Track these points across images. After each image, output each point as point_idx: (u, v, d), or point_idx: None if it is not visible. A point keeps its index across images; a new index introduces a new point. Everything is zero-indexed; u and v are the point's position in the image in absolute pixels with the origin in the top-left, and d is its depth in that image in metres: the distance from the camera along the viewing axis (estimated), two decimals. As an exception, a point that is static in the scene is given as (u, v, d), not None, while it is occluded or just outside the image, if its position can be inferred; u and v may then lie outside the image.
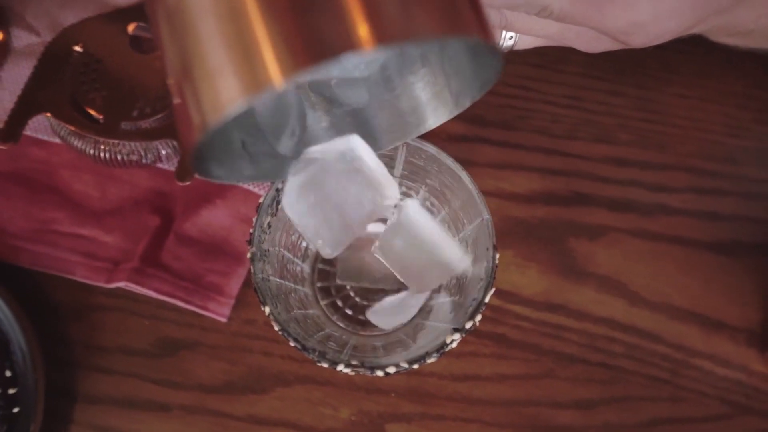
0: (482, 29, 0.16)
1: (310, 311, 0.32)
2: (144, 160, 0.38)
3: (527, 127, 0.41)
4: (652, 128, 0.41)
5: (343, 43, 0.14)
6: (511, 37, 0.25)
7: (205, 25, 0.15)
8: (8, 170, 0.39)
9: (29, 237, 0.37)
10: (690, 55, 0.42)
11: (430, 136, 0.21)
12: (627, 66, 0.42)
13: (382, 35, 0.14)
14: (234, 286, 0.37)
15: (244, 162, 0.20)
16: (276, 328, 0.27)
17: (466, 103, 0.21)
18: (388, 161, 0.32)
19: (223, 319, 0.37)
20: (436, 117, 0.22)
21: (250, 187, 0.38)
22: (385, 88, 0.22)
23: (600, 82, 0.42)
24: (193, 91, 0.15)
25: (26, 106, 0.36)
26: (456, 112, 0.21)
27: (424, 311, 0.33)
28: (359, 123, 0.23)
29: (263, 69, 0.14)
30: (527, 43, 0.26)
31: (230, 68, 0.15)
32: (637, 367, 0.37)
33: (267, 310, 0.27)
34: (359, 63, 0.20)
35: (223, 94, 0.15)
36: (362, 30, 0.14)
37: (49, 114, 0.35)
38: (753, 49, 0.34)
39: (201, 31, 0.15)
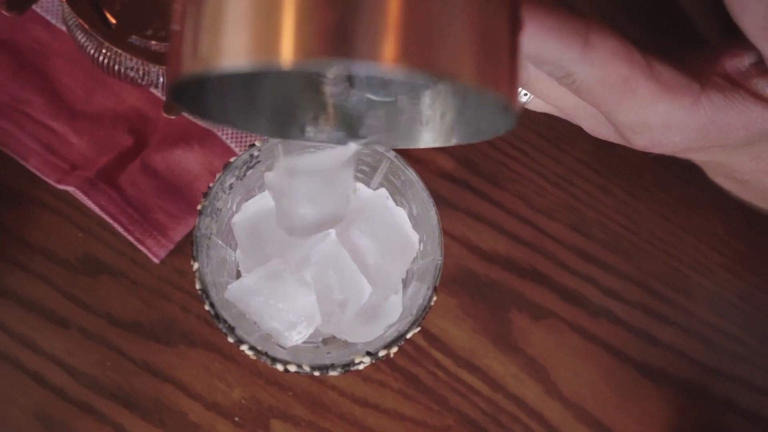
0: (512, 91, 0.15)
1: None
2: (140, 81, 0.37)
3: (512, 190, 0.41)
4: (626, 236, 0.41)
5: (366, 51, 0.13)
6: (526, 94, 0.25)
7: None
8: (3, 38, 0.38)
9: (-3, 109, 0.36)
10: (686, 183, 0.43)
11: (417, 163, 0.21)
12: (626, 170, 0.43)
13: (411, 60, 0.13)
14: (179, 232, 0.36)
15: (214, 98, 0.19)
16: (197, 286, 0.26)
17: (454, 142, 0.20)
18: (369, 171, 0.32)
19: (156, 260, 0.36)
20: (421, 140, 0.21)
21: (232, 145, 0.38)
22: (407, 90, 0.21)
23: (595, 174, 0.42)
24: (195, 18, 0.14)
25: (45, -16, 0.35)
26: (441, 145, 0.21)
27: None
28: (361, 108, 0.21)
29: (276, 41, 0.13)
30: (539, 106, 0.25)
31: (243, 21, 0.14)
32: (529, 454, 0.37)
33: (195, 265, 0.26)
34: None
35: (226, 45, 0.14)
36: (392, 46, 0.13)
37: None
38: (743, 200, 0.34)
39: None
